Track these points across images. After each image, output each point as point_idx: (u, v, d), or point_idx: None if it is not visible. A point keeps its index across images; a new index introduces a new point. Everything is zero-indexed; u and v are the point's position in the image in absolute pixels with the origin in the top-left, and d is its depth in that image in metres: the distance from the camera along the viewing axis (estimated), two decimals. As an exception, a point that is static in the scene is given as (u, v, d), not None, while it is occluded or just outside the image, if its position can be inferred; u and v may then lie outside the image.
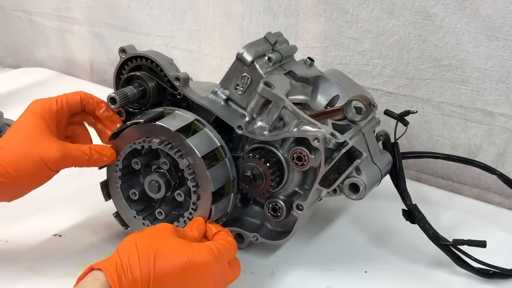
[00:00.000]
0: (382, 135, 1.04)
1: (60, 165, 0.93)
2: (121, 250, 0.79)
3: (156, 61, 0.98)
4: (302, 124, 0.92)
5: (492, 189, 1.25)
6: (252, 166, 0.94)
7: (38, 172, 0.92)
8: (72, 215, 1.11)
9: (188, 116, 0.96)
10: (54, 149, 0.92)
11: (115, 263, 0.76)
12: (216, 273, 0.83)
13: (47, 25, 1.87)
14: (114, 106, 0.96)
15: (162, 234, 0.84)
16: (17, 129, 0.94)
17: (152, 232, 0.85)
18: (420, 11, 1.21)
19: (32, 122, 0.94)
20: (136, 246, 0.79)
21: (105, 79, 1.80)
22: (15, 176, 0.89)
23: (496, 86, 1.18)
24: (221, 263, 0.85)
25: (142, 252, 0.78)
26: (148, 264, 0.77)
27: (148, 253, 0.78)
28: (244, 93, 0.97)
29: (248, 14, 1.45)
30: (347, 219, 1.14)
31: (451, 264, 0.98)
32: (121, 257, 0.77)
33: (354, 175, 0.92)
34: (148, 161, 0.99)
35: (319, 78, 1.04)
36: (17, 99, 1.59)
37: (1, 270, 0.96)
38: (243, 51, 0.96)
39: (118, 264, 0.76)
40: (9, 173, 0.89)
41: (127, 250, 0.78)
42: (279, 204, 0.97)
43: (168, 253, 0.79)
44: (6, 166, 0.89)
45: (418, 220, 0.99)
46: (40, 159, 0.90)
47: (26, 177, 0.91)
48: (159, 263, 0.77)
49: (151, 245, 0.79)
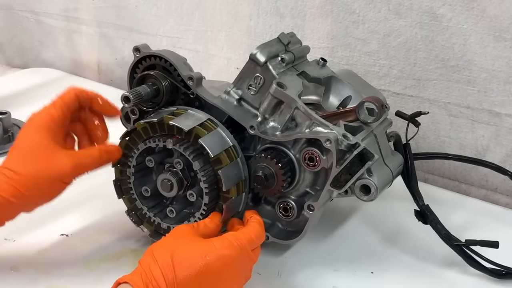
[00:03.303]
0: (393, 136, 1.04)
1: (74, 176, 0.93)
2: (142, 262, 0.80)
3: (170, 61, 0.98)
4: (314, 125, 0.93)
5: (499, 190, 1.26)
6: (264, 166, 0.95)
7: (52, 188, 0.91)
8: (80, 215, 1.11)
9: (200, 116, 0.96)
10: (66, 162, 0.90)
11: (140, 274, 0.78)
12: (240, 263, 0.84)
13: (55, 26, 1.87)
14: (128, 105, 0.97)
15: (178, 238, 0.85)
16: (24, 147, 0.91)
17: (168, 239, 0.86)
18: (427, 12, 1.21)
19: (37, 138, 0.90)
20: (154, 256, 0.80)
21: (112, 80, 1.81)
22: (30, 196, 0.88)
23: (503, 87, 1.18)
24: (243, 252, 0.84)
25: (161, 260, 0.79)
26: (170, 271, 0.78)
27: (167, 261, 0.78)
28: (257, 93, 0.98)
29: (255, 14, 1.45)
30: (357, 220, 1.15)
31: (461, 264, 0.99)
32: (144, 269, 0.78)
33: (366, 176, 0.92)
34: (162, 159, 0.99)
35: (332, 79, 1.05)
36: (25, 99, 1.60)
37: (8, 269, 0.97)
38: (257, 51, 0.97)
39: (143, 275, 0.77)
40: (24, 195, 0.87)
41: (147, 261, 0.79)
42: (290, 204, 0.98)
43: (186, 257, 0.80)
44: (21, 189, 0.87)
45: (431, 220, 0.99)
46: (55, 176, 0.89)
47: (41, 195, 0.91)
48: (179, 269, 0.78)
49: (168, 252, 0.80)
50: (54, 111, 0.93)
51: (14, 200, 0.87)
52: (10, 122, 1.39)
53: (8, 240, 1.04)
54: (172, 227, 0.98)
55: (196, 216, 0.96)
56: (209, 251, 0.81)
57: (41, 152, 0.90)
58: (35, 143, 0.90)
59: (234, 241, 0.84)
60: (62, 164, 0.90)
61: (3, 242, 1.03)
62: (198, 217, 0.95)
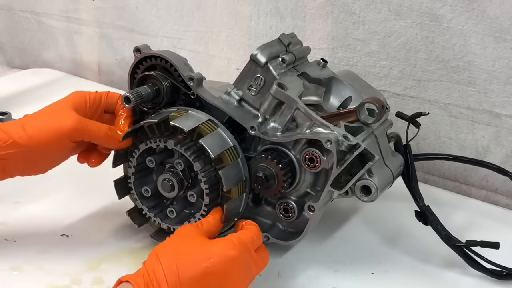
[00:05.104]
0: (394, 136, 1.04)
1: (76, 134, 0.95)
2: (147, 264, 0.80)
3: (171, 61, 0.98)
4: (315, 126, 0.93)
5: (500, 191, 1.26)
6: (264, 166, 0.95)
7: (55, 141, 0.94)
8: (80, 216, 1.11)
9: (201, 116, 0.96)
10: (71, 118, 0.95)
11: (142, 275, 0.78)
12: (243, 262, 0.84)
13: (55, 26, 1.87)
14: (128, 105, 0.97)
15: (182, 240, 0.85)
16: (49, 107, 0.99)
17: (173, 240, 0.86)
18: (428, 13, 1.21)
19: (60, 104, 0.98)
20: (158, 258, 0.80)
21: (113, 80, 1.81)
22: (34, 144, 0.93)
23: (503, 87, 1.18)
24: (246, 252, 0.85)
25: (164, 262, 0.79)
26: (173, 274, 0.78)
27: (171, 263, 0.79)
28: (257, 94, 0.98)
29: (255, 15, 1.45)
30: (358, 221, 1.15)
31: (462, 265, 0.99)
32: (147, 270, 0.79)
33: (366, 177, 0.92)
34: (162, 159, 0.99)
35: (332, 80, 1.05)
36: (25, 100, 1.60)
37: (8, 269, 0.97)
38: (257, 52, 0.97)
39: (146, 276, 0.78)
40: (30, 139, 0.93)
41: (151, 263, 0.80)
42: (290, 205, 0.98)
43: (190, 258, 0.80)
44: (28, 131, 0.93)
45: (431, 221, 0.99)
46: (57, 127, 0.94)
47: (44, 146, 0.94)
48: (183, 271, 0.79)
49: (172, 255, 0.81)
50: (92, 94, 1.01)
51: (21, 142, 0.92)
52: (10, 123, 1.39)
53: (8, 240, 1.04)
54: (172, 227, 0.99)
55: (196, 217, 0.96)
56: (213, 253, 0.82)
57: (58, 111, 0.97)
58: (58, 106, 0.98)
59: (236, 240, 0.84)
60: (66, 118, 0.95)
61: (3, 242, 1.03)
62: (198, 218, 0.95)
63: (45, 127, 0.94)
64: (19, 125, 0.94)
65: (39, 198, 0.97)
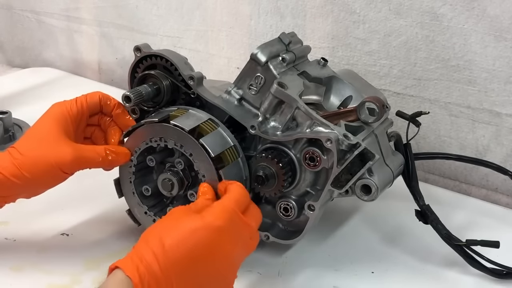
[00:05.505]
0: (394, 136, 1.04)
1: (74, 168, 0.94)
2: (136, 247, 0.79)
3: (171, 60, 0.98)
4: (315, 125, 0.93)
5: (500, 190, 1.26)
6: (265, 166, 0.95)
7: (52, 175, 0.93)
8: (80, 215, 1.11)
9: (201, 116, 0.96)
10: (68, 152, 0.92)
11: (131, 258, 0.77)
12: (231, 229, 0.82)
13: (55, 25, 1.88)
14: (128, 104, 0.97)
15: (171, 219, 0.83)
16: (34, 133, 0.96)
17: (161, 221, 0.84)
18: (428, 12, 1.21)
19: (48, 127, 0.95)
20: (147, 239, 0.79)
21: (113, 79, 1.81)
22: (30, 179, 0.91)
23: (504, 86, 1.18)
24: (233, 217, 0.83)
25: (153, 243, 0.78)
26: (158, 245, 0.77)
27: (159, 243, 0.77)
28: (258, 93, 0.98)
29: (255, 14, 1.45)
30: (358, 220, 1.15)
31: (462, 264, 0.99)
32: (136, 252, 0.77)
33: (366, 176, 0.92)
34: (163, 159, 1.00)
35: (333, 79, 1.05)
36: (25, 99, 1.61)
37: (8, 269, 0.97)
38: (257, 51, 0.97)
39: (135, 258, 0.76)
40: (25, 176, 0.91)
41: (140, 246, 0.79)
42: (290, 204, 0.98)
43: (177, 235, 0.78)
44: (22, 169, 0.91)
45: (431, 220, 0.99)
46: (54, 163, 0.92)
47: (41, 180, 0.93)
48: (171, 249, 0.77)
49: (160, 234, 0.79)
50: (73, 105, 0.98)
51: (14, 180, 0.90)
52: (10, 122, 1.38)
53: (8, 240, 1.04)
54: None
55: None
56: (199, 226, 0.80)
57: (48, 139, 0.93)
58: (45, 130, 0.94)
59: (221, 208, 0.82)
60: (64, 152, 0.92)
61: (3, 242, 1.03)
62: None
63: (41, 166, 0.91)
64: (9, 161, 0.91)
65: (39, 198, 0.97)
